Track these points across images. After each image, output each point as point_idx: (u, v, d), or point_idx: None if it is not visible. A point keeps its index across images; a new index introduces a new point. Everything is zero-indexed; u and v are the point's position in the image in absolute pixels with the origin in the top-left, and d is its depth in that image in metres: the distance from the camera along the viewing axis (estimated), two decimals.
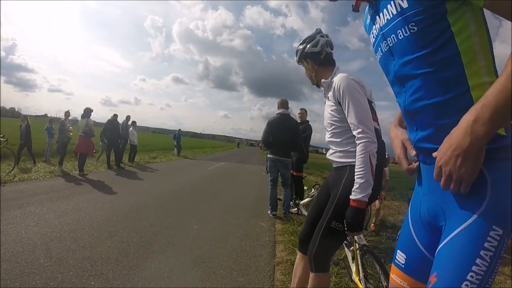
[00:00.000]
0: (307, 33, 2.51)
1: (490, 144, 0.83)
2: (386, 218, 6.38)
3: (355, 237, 2.56)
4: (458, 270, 0.85)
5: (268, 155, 5.52)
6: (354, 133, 1.67)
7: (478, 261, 0.83)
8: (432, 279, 0.89)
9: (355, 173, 1.63)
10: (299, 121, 6.21)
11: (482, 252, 0.83)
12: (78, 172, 8.48)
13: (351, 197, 1.63)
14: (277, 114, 5.42)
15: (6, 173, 7.15)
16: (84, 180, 7.71)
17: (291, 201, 5.73)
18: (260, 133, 5.67)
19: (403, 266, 1.13)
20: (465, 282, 0.82)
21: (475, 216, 0.86)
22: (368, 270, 2.58)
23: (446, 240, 0.90)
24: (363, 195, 1.59)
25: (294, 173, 6.08)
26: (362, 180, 1.59)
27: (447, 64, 0.90)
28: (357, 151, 1.65)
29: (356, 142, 1.66)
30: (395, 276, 1.16)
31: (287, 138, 5.28)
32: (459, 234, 0.88)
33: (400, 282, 1.13)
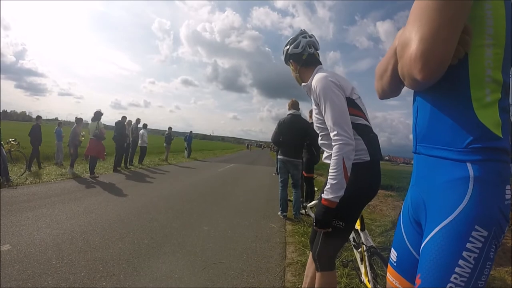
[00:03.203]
0: (315, 32, 2.50)
1: (484, 142, 0.82)
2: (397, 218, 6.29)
3: (363, 238, 2.54)
4: (440, 271, 0.83)
5: (279, 156, 5.48)
6: (331, 135, 1.65)
7: (461, 262, 0.81)
8: (417, 280, 0.88)
9: (329, 174, 1.61)
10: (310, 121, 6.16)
11: (464, 253, 0.81)
12: (89, 174, 8.58)
13: (323, 195, 1.61)
14: (288, 115, 5.39)
15: (18, 176, 7.26)
16: (95, 182, 7.78)
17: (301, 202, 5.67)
18: (270, 135, 5.65)
19: (395, 264, 1.11)
20: (449, 284, 0.81)
21: (455, 214, 0.84)
22: (378, 271, 2.55)
23: (428, 238, 0.89)
24: (333, 196, 1.56)
25: (305, 174, 6.04)
26: (334, 181, 1.56)
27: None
28: (332, 152, 1.62)
29: (332, 144, 1.63)
30: (389, 274, 1.14)
31: (298, 139, 5.24)
32: (439, 232, 0.86)
33: (393, 280, 1.11)
